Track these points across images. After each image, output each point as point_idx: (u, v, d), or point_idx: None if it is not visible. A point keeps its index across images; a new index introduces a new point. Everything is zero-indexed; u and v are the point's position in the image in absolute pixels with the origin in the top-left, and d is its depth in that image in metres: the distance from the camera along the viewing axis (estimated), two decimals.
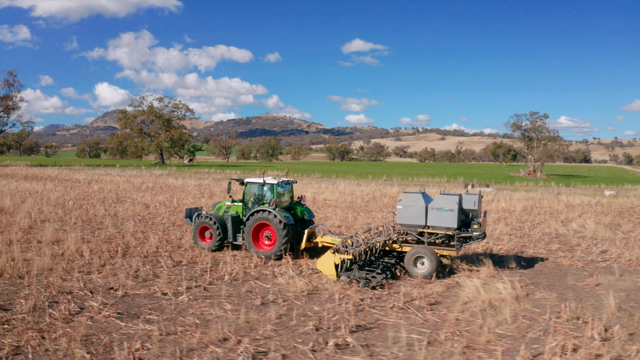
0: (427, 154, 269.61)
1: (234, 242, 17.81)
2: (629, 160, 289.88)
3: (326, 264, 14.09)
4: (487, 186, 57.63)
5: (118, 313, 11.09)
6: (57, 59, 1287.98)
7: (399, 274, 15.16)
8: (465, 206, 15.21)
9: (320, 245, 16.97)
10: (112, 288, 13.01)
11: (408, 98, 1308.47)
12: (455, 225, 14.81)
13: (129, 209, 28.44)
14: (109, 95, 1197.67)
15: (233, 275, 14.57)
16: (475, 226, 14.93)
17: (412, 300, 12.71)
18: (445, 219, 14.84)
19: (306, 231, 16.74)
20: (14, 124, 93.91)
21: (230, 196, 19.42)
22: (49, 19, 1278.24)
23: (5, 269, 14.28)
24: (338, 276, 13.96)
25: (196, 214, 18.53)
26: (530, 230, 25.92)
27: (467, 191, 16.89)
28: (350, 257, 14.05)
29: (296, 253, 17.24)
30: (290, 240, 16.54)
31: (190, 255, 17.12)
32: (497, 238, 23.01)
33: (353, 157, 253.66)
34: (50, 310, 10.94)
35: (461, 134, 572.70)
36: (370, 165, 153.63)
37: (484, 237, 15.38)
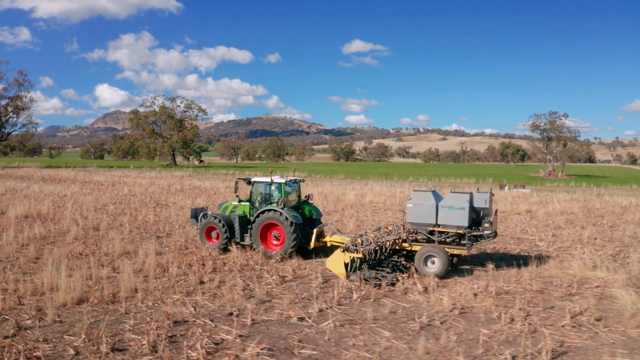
0: (431, 154, 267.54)
1: (241, 243, 17.39)
2: (633, 160, 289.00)
3: (336, 262, 13.71)
4: (523, 187, 55.78)
5: (268, 350, 8.91)
6: (58, 61, 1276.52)
7: (405, 275, 14.41)
8: (476, 204, 14.77)
9: (329, 244, 16.64)
10: (231, 313, 10.86)
11: (408, 98, 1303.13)
12: (466, 224, 14.38)
13: (179, 214, 26.30)
14: (109, 96, 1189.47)
15: (363, 293, 12.48)
16: (487, 225, 14.51)
17: (575, 315, 11.35)
18: (456, 217, 14.44)
19: (315, 230, 16.51)
20: (23, 125, 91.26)
21: (237, 196, 18.98)
22: (50, 20, 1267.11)
23: (91, 292, 12.10)
24: (348, 275, 13.50)
25: (202, 213, 18.12)
26: (612, 233, 24.22)
27: (477, 190, 15.80)
28: (360, 255, 13.63)
29: (305, 253, 16.78)
30: (299, 239, 16.25)
31: (289, 268, 14.98)
32: (589, 243, 21.35)
33: (357, 157, 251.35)
34: (189, 351, 8.70)
35: (462, 134, 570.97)
36: (382, 166, 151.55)
37: (495, 236, 14.90)
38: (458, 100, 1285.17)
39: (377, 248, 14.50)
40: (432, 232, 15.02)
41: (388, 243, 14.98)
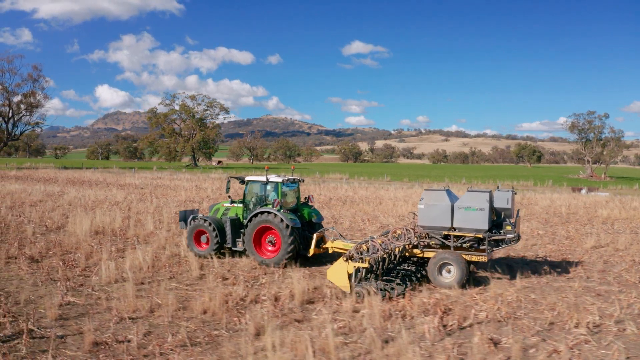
0: (438, 156, 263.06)
1: (233, 248, 15.94)
2: None
3: (338, 273, 12.05)
4: (598, 190, 51.37)
5: None
6: (59, 62, 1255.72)
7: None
8: (497, 205, 13.27)
9: (330, 251, 14.83)
10: None
11: (407, 99, 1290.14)
12: (485, 227, 12.86)
13: None
14: (109, 97, 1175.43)
15: None
16: (508, 227, 13.00)
17: None
18: (474, 219, 12.90)
19: (315, 235, 14.94)
20: (36, 123, 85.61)
21: (229, 196, 17.55)
22: (51, 22, 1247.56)
23: None
24: (352, 287, 11.83)
25: (191, 216, 16.67)
26: None
27: (498, 188, 13.74)
28: (366, 265, 12.03)
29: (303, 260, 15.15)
30: (297, 245, 14.85)
31: (542, 309, 10.05)
32: None
33: (364, 158, 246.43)
34: None
35: (463, 135, 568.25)
36: (401, 167, 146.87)
37: (517, 240, 13.31)
38: (458, 101, 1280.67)
39: (384, 255, 12.89)
40: (446, 237, 13.47)
41: (397, 249, 13.39)
